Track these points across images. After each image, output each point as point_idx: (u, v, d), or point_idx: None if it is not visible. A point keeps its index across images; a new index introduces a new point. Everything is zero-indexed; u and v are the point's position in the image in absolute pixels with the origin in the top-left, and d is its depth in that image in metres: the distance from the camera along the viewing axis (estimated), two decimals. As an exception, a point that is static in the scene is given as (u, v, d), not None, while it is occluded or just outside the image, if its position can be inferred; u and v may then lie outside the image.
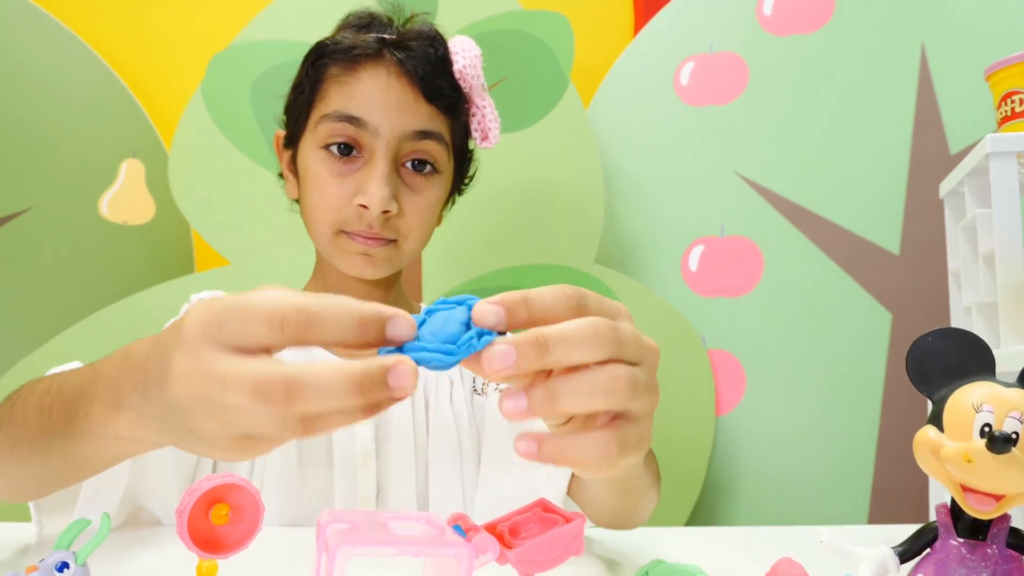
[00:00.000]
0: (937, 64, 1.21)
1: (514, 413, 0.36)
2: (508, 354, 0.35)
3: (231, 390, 0.33)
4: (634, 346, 0.38)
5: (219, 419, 0.35)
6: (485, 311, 0.36)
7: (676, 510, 1.19)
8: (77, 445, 0.47)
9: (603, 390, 0.36)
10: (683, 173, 1.28)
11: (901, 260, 1.20)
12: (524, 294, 0.37)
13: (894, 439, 1.18)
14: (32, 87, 1.23)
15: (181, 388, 0.35)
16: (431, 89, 0.77)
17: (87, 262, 1.25)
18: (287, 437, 0.36)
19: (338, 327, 0.34)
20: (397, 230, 0.78)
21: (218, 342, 0.34)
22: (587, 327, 0.36)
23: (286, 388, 0.32)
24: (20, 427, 0.52)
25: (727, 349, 1.24)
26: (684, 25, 1.31)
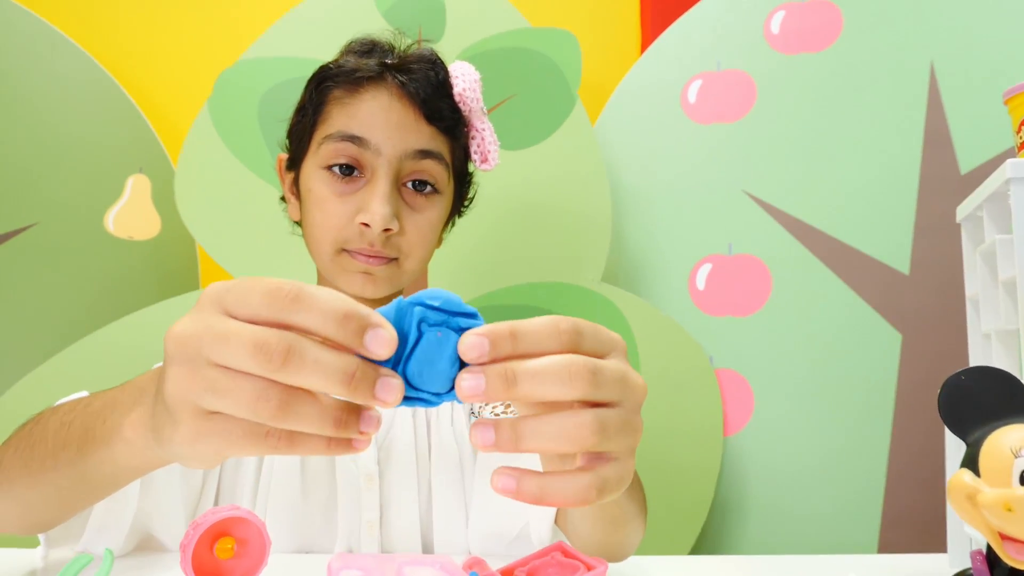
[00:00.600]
0: (947, 83, 1.21)
1: (481, 446, 0.37)
2: (476, 385, 0.35)
3: (232, 342, 0.34)
4: (614, 386, 0.38)
5: (195, 377, 0.35)
6: (470, 345, 0.36)
7: (683, 534, 1.17)
8: (84, 457, 0.48)
9: (567, 435, 0.36)
10: (691, 191, 1.27)
11: (911, 280, 1.19)
12: (513, 327, 0.37)
13: (905, 462, 1.17)
14: (38, 100, 1.23)
15: (175, 340, 0.37)
16: (432, 110, 0.79)
17: (92, 278, 1.25)
18: (252, 433, 0.36)
19: (322, 312, 0.35)
20: (398, 248, 0.79)
21: (222, 307, 0.36)
22: (560, 365, 0.36)
23: (286, 348, 0.34)
24: (37, 446, 0.53)
25: (735, 368, 1.23)
26: (691, 43, 1.31)
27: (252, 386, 0.35)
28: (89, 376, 1.13)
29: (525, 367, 0.36)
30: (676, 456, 1.18)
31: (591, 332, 0.39)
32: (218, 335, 0.35)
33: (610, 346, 0.40)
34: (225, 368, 0.35)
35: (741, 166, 1.26)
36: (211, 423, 0.36)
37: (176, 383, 0.36)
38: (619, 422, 0.38)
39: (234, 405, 0.35)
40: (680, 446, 1.18)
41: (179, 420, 0.37)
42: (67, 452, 0.49)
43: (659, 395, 1.19)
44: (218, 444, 0.36)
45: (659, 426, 1.18)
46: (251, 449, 0.36)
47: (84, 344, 1.15)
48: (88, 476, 0.49)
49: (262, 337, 0.34)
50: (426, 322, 0.37)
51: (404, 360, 0.36)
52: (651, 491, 1.17)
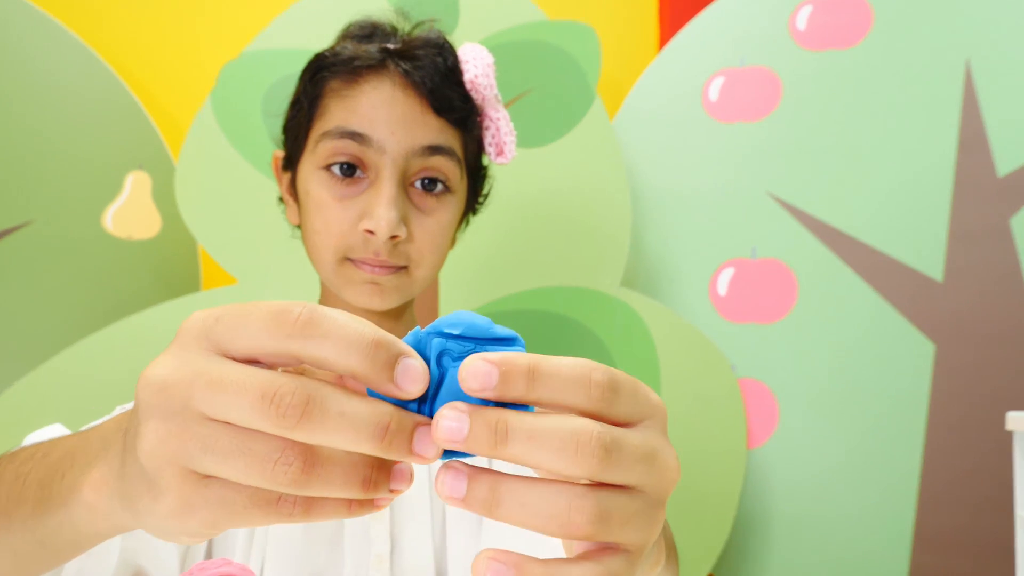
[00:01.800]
0: (983, 81, 1.15)
1: (447, 497, 0.29)
2: (456, 428, 0.28)
3: (232, 391, 0.28)
4: (633, 469, 0.30)
5: (185, 435, 0.29)
6: (472, 372, 0.28)
7: (704, 552, 1.12)
8: (39, 519, 0.40)
9: (556, 517, 0.29)
10: (712, 193, 1.23)
11: (945, 288, 1.14)
12: (534, 363, 0.29)
13: (938, 479, 1.11)
14: (34, 93, 1.19)
15: (154, 390, 0.29)
16: (440, 101, 0.71)
17: (90, 278, 1.20)
18: (261, 502, 0.29)
19: (345, 340, 0.28)
20: (407, 256, 0.72)
21: (212, 343, 0.30)
22: (567, 433, 0.29)
23: (305, 399, 0.27)
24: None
25: (758, 378, 1.18)
26: (713, 38, 1.26)
27: (265, 447, 0.28)
28: (87, 382, 1.09)
29: (522, 423, 0.29)
30: (697, 469, 1.13)
31: (629, 391, 0.31)
32: (212, 382, 0.28)
33: (648, 412, 0.32)
34: (225, 423, 0.29)
35: (765, 167, 1.22)
36: (206, 491, 0.29)
37: (158, 442, 0.29)
38: (630, 512, 0.30)
39: (243, 471, 0.28)
40: (701, 459, 1.13)
41: (163, 488, 0.30)
42: (21, 511, 0.41)
43: (680, 405, 1.14)
44: (215, 516, 0.29)
45: (679, 438, 1.13)
46: (259, 519, 0.30)
47: (81, 347, 1.10)
48: (47, 541, 0.41)
49: (272, 386, 0.28)
50: (449, 355, 0.30)
51: (429, 403, 0.30)
52: (670, 507, 1.12)
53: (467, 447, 0.28)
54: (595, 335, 1.15)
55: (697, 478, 1.13)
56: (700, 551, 1.12)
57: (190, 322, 0.31)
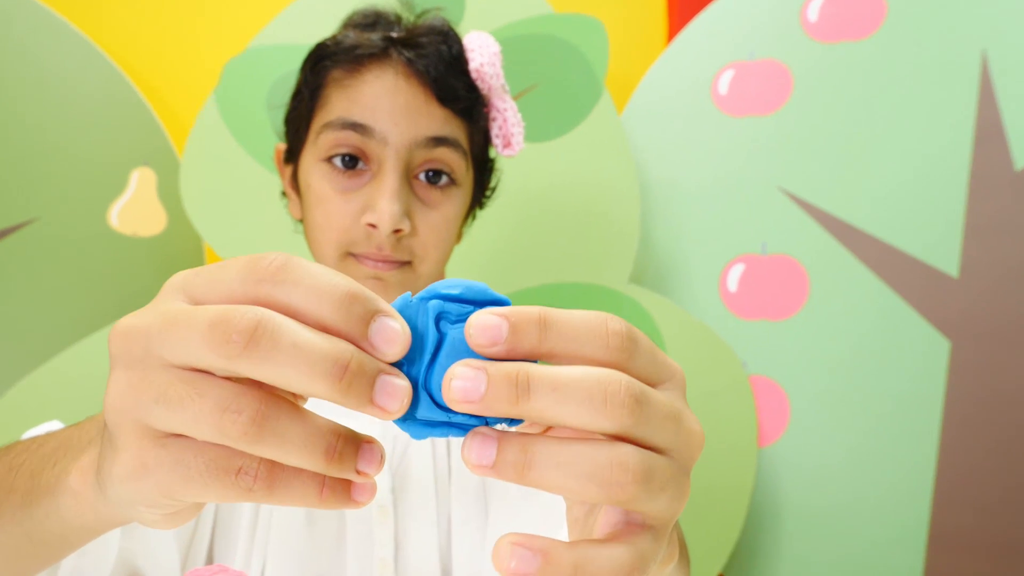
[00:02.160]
0: (1000, 73, 1.13)
1: (475, 465, 0.27)
2: (472, 386, 0.26)
3: (182, 325, 0.26)
4: (665, 427, 0.28)
5: (142, 384, 0.27)
6: (481, 326, 0.27)
7: (714, 552, 1.11)
8: (27, 509, 0.38)
9: (599, 476, 0.26)
10: (722, 187, 1.21)
11: (960, 284, 1.12)
12: (544, 313, 0.27)
13: (954, 479, 1.09)
14: (39, 90, 1.18)
15: (118, 336, 0.28)
16: (444, 90, 0.69)
17: (95, 275, 1.19)
18: (218, 466, 0.27)
19: (316, 288, 0.26)
20: (411, 251, 0.70)
21: (188, 295, 0.28)
22: (595, 381, 0.26)
23: (253, 323, 0.25)
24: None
25: (769, 375, 1.16)
26: (723, 30, 1.24)
27: (217, 391, 0.26)
28: (92, 379, 1.08)
29: (545, 373, 0.26)
30: (707, 468, 1.12)
31: (648, 348, 0.29)
32: (167, 321, 0.26)
33: (667, 374, 0.30)
34: (182, 369, 0.26)
35: (776, 161, 1.20)
36: (161, 451, 0.27)
37: (117, 393, 0.27)
38: (668, 475, 0.28)
39: (191, 419, 0.26)
40: (712, 457, 1.12)
41: (121, 446, 0.27)
42: (11, 501, 0.40)
43: (690, 403, 1.12)
44: (170, 481, 0.27)
45: (689, 436, 1.11)
46: (216, 489, 0.27)
47: (86, 344, 1.10)
48: (34, 534, 0.40)
49: (219, 312, 0.25)
50: (447, 319, 0.28)
51: (424, 372, 0.28)
52: (680, 506, 1.11)
53: (485, 406, 0.26)
54: (603, 332, 1.14)
55: (708, 476, 1.12)
56: (711, 549, 1.10)
57: (172, 278, 0.29)
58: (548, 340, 0.27)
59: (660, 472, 0.28)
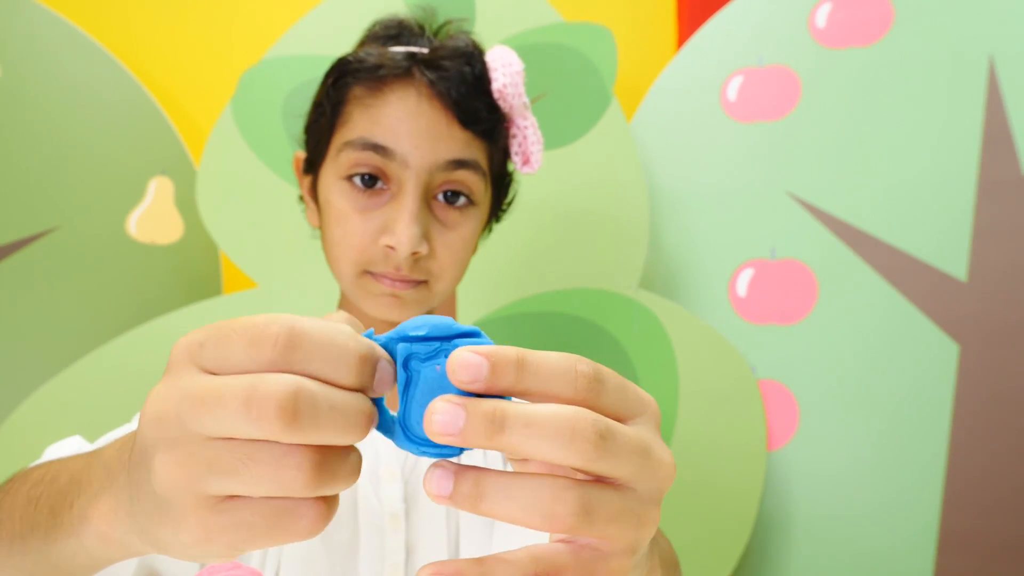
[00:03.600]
0: (1007, 77, 1.13)
1: (435, 495, 0.29)
2: (451, 421, 0.28)
3: (216, 403, 0.27)
4: (626, 461, 0.30)
5: (190, 461, 0.28)
6: (462, 363, 0.28)
7: (724, 556, 1.11)
8: (53, 545, 0.40)
9: (539, 509, 0.29)
10: (731, 193, 1.22)
11: (969, 287, 1.12)
12: (521, 354, 0.29)
13: (963, 482, 1.10)
14: (58, 101, 1.20)
15: (151, 423, 0.29)
16: (466, 113, 0.69)
17: (113, 282, 1.22)
18: (281, 514, 0.28)
19: (332, 359, 0.28)
20: (428, 271, 0.71)
21: (199, 364, 0.29)
22: (562, 419, 0.28)
23: (293, 396, 0.27)
24: (4, 524, 0.45)
25: (779, 379, 1.17)
26: (732, 37, 1.25)
27: (267, 453, 0.27)
28: (111, 385, 1.10)
29: (519, 412, 0.28)
30: (716, 472, 1.12)
31: (616, 386, 0.31)
32: (196, 401, 0.28)
33: (637, 409, 0.32)
34: (226, 440, 0.28)
35: (785, 166, 1.20)
36: (223, 516, 0.29)
37: (168, 474, 0.29)
38: (616, 508, 0.30)
39: (250, 482, 0.28)
40: (721, 461, 1.13)
41: (182, 517, 0.29)
42: (35, 536, 0.42)
43: (699, 407, 1.13)
44: (235, 542, 0.29)
45: (699, 440, 1.12)
46: (280, 538, 0.29)
47: (105, 351, 1.12)
48: (61, 565, 0.41)
49: (251, 387, 0.27)
50: (416, 358, 0.30)
51: (402, 411, 0.30)
52: (689, 510, 1.11)
53: (463, 439, 0.28)
54: (613, 337, 1.15)
55: (717, 480, 1.12)
56: (720, 554, 1.11)
57: (176, 349, 0.30)
58: (524, 380, 0.29)
59: (605, 506, 0.29)
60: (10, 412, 1.12)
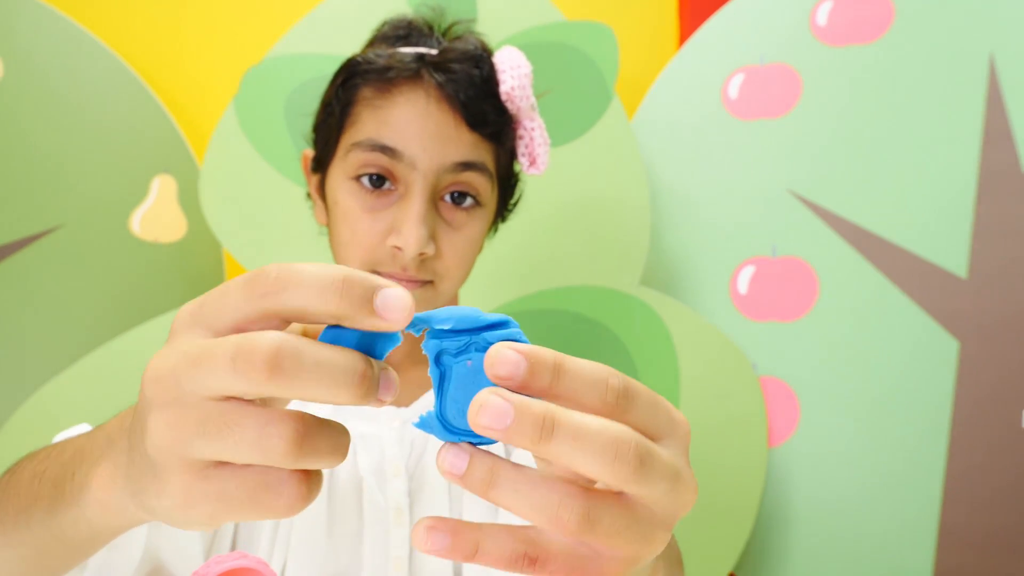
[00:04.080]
0: (1008, 75, 1.14)
1: (447, 471, 0.30)
2: (500, 416, 0.28)
3: (207, 360, 0.28)
4: (659, 485, 0.30)
5: (181, 421, 0.28)
6: (502, 359, 0.28)
7: (724, 552, 1.12)
8: (54, 516, 0.41)
9: (546, 511, 0.29)
10: (732, 190, 1.22)
11: (969, 284, 1.13)
12: (559, 359, 0.29)
13: (963, 479, 1.10)
14: (62, 100, 1.21)
15: (150, 383, 0.29)
16: (474, 116, 0.70)
17: (117, 281, 1.22)
18: (261, 487, 0.29)
19: (315, 284, 0.28)
20: (434, 271, 0.71)
21: (201, 326, 0.30)
22: (609, 437, 0.28)
23: (275, 349, 0.27)
24: (11, 500, 0.46)
25: (779, 376, 1.17)
26: (733, 35, 1.25)
27: (253, 418, 0.28)
28: (114, 383, 1.11)
29: (570, 420, 0.28)
30: (718, 468, 1.13)
31: (647, 402, 0.31)
32: (190, 359, 0.28)
33: (667, 429, 0.32)
34: (216, 400, 0.28)
35: (786, 164, 1.21)
36: (205, 483, 0.29)
37: (159, 432, 0.29)
38: (622, 524, 0.30)
39: (233, 446, 0.28)
40: (722, 458, 1.13)
41: (167, 480, 0.29)
42: (38, 509, 0.43)
43: (700, 404, 1.14)
44: (214, 511, 0.29)
45: (700, 436, 1.13)
46: (257, 514, 0.29)
47: (109, 348, 1.12)
48: (64, 537, 0.42)
49: (238, 343, 0.27)
50: (447, 353, 0.30)
51: (438, 405, 0.30)
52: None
53: (507, 436, 0.28)
54: (614, 334, 1.16)
55: (718, 477, 1.13)
56: (721, 550, 1.12)
57: (179, 314, 0.31)
58: (558, 385, 0.29)
59: (610, 521, 0.30)
60: (14, 409, 1.12)
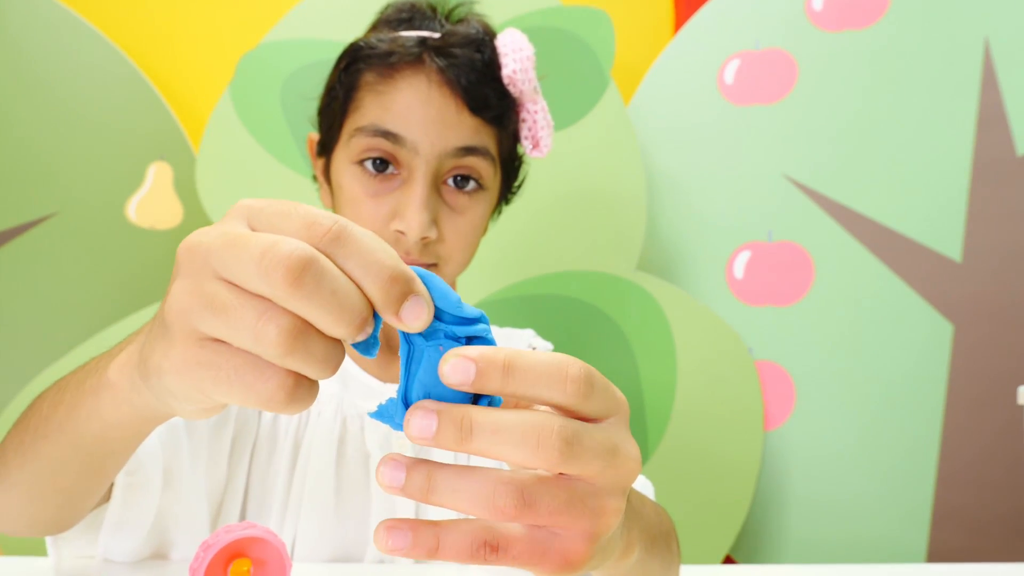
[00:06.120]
0: (1002, 59, 1.14)
1: (387, 487, 0.31)
2: (426, 426, 0.30)
3: (239, 247, 0.29)
4: (592, 462, 0.31)
5: (197, 292, 0.30)
6: (452, 367, 0.30)
7: (721, 533, 1.13)
8: (75, 412, 0.43)
9: (483, 501, 0.30)
10: (728, 176, 1.22)
11: (963, 268, 1.14)
12: (509, 357, 0.31)
13: (956, 459, 1.11)
14: (57, 88, 1.21)
15: (184, 251, 0.31)
16: (476, 100, 0.70)
17: (113, 268, 1.22)
18: (247, 368, 0.30)
19: (366, 264, 0.29)
20: (437, 255, 0.72)
21: (250, 222, 0.31)
22: (529, 427, 0.30)
23: (304, 263, 0.28)
24: (31, 418, 0.49)
25: (775, 360, 1.18)
26: (728, 20, 1.25)
27: (257, 303, 0.29)
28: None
29: (485, 419, 0.30)
30: (714, 451, 1.14)
31: (602, 388, 0.33)
32: (228, 241, 0.29)
33: (614, 407, 0.34)
34: (232, 284, 0.30)
35: (781, 149, 1.21)
36: (200, 351, 0.30)
37: (176, 297, 0.31)
38: (561, 501, 0.31)
39: (231, 325, 0.29)
40: (718, 441, 1.14)
41: (173, 342, 0.31)
42: (57, 414, 0.45)
43: (696, 389, 1.14)
44: (202, 379, 0.30)
45: (697, 420, 1.13)
46: (240, 393, 0.30)
47: (105, 335, 1.13)
48: (77, 440, 0.44)
49: (273, 242, 0.28)
50: (418, 333, 0.31)
51: (403, 386, 0.31)
52: (688, 488, 1.13)
53: (436, 442, 0.30)
54: (611, 319, 1.16)
55: (715, 460, 1.14)
56: (718, 532, 1.13)
57: (237, 205, 0.32)
58: (511, 383, 0.30)
59: (548, 498, 0.31)
60: (12, 397, 1.13)
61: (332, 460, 0.70)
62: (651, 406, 1.15)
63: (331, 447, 0.70)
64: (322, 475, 0.70)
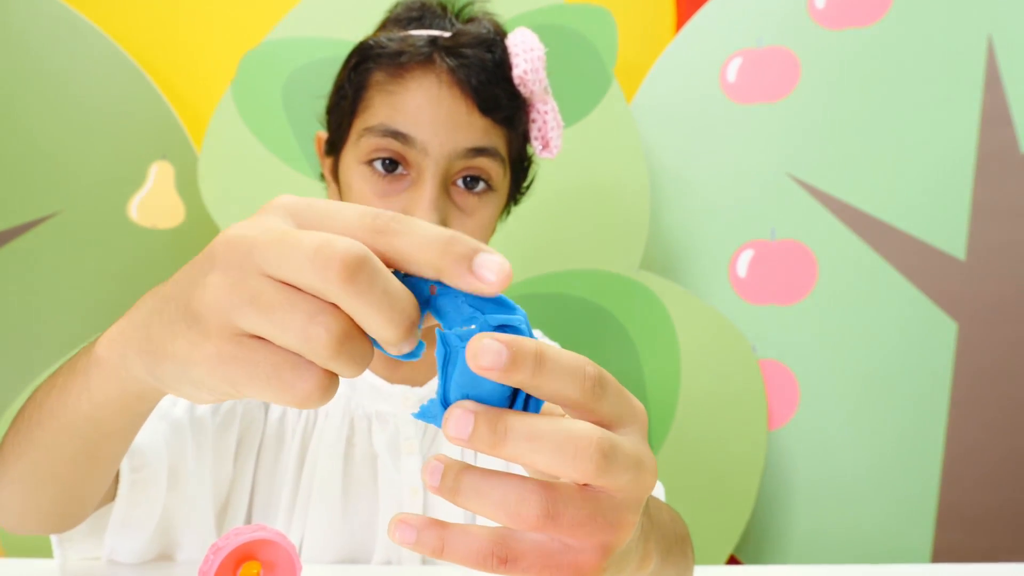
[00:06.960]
0: (1006, 57, 1.14)
1: (429, 486, 0.31)
2: (464, 426, 0.29)
3: (289, 244, 0.28)
4: (623, 476, 0.31)
5: (239, 287, 0.29)
6: (484, 349, 0.28)
7: (726, 533, 1.13)
8: (65, 395, 0.42)
9: (507, 509, 0.30)
10: (731, 174, 1.22)
11: (967, 266, 1.13)
12: (540, 349, 0.29)
13: (961, 459, 1.11)
14: (59, 87, 1.20)
15: (223, 243, 0.30)
16: (486, 101, 0.70)
17: (115, 267, 1.22)
18: (285, 367, 0.29)
19: (422, 236, 0.29)
20: None
21: (296, 219, 0.31)
22: (566, 436, 0.29)
23: (358, 261, 0.27)
24: (28, 408, 0.48)
25: (779, 359, 1.18)
26: (731, 18, 1.25)
27: (308, 304, 0.28)
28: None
29: (522, 424, 0.29)
30: (718, 451, 1.14)
31: (615, 392, 0.32)
32: (275, 237, 0.29)
33: (630, 417, 0.33)
34: (278, 282, 0.29)
35: (784, 147, 1.21)
36: (238, 347, 0.29)
37: (213, 291, 0.30)
38: (584, 514, 0.31)
39: (278, 325, 0.28)
40: (722, 440, 1.14)
41: (208, 335, 0.30)
42: (49, 399, 0.44)
43: (700, 387, 1.14)
44: (236, 375, 0.30)
45: (701, 419, 1.13)
46: (274, 393, 0.30)
47: (108, 335, 1.12)
48: (68, 423, 0.43)
49: (328, 239, 0.28)
50: (454, 335, 0.30)
51: (442, 390, 0.31)
52: (692, 488, 1.12)
53: (471, 444, 0.29)
54: (615, 318, 1.16)
55: (718, 460, 1.14)
56: (722, 531, 1.13)
57: (280, 198, 0.31)
58: (540, 376, 0.29)
59: (571, 511, 0.30)
60: (14, 397, 1.12)
61: (340, 461, 0.70)
62: (655, 405, 1.15)
63: (339, 448, 0.70)
64: (330, 476, 0.69)
